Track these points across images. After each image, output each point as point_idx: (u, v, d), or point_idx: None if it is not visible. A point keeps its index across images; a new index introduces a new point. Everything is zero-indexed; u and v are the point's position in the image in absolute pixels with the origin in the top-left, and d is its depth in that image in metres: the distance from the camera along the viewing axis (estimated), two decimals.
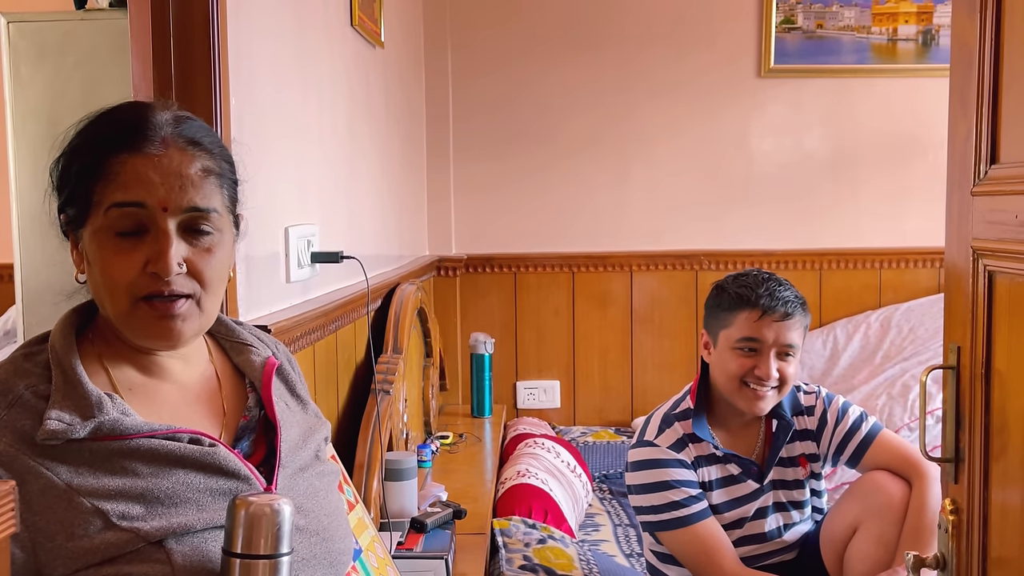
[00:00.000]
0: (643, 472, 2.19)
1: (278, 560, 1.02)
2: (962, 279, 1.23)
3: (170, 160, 1.09)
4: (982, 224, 1.19)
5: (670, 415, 2.25)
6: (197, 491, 1.06)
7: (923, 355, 3.66)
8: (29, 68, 2.78)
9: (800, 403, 2.25)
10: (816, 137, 4.10)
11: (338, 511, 1.21)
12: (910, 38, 4.06)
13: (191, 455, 1.07)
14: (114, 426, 1.04)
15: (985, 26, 1.19)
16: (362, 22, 2.74)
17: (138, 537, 1.01)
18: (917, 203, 3.97)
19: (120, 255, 1.08)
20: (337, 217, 2.54)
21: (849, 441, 2.19)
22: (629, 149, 4.07)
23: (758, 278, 2.17)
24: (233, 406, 1.20)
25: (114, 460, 1.04)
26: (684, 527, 2.11)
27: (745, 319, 2.14)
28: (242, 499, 1.02)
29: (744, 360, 2.14)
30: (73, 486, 1.01)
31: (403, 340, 2.77)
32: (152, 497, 1.03)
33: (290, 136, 2.14)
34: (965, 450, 1.24)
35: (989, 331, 1.18)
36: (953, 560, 1.26)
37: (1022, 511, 1.13)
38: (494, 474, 3.05)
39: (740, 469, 2.22)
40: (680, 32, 4.04)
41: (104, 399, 1.06)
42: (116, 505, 1.01)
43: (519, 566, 2.39)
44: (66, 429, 1.02)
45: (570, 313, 4.10)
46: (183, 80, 1.65)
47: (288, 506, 1.03)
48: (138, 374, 1.14)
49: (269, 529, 1.01)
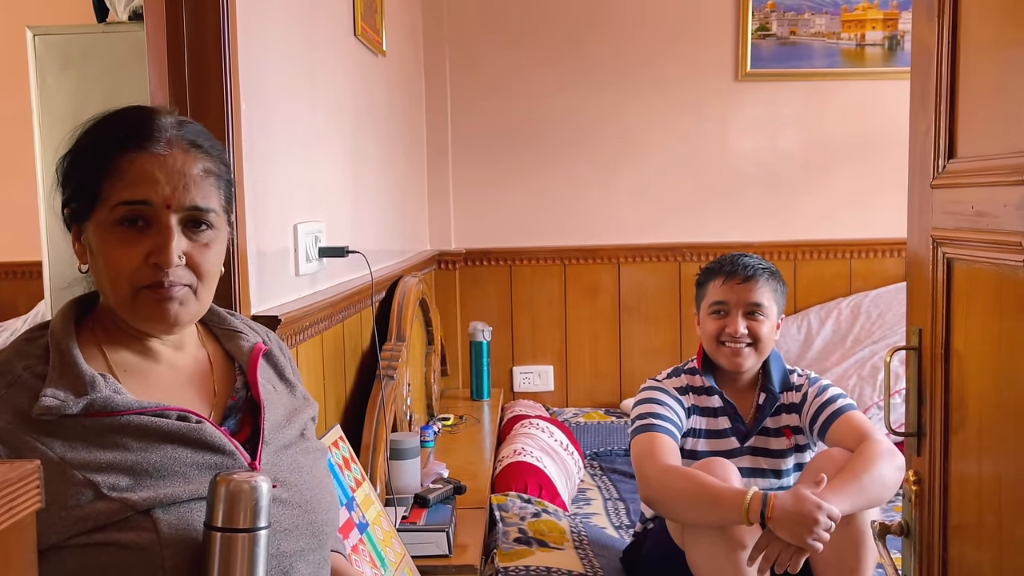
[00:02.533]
0: (641, 394, 2.28)
1: (256, 533, 1.03)
2: (923, 266, 1.24)
3: (174, 160, 1.10)
4: (941, 215, 1.19)
5: (679, 368, 2.35)
6: (184, 464, 1.07)
7: (891, 338, 3.67)
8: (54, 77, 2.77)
9: (791, 382, 2.30)
10: (790, 136, 4.10)
11: (322, 485, 1.21)
12: (877, 43, 4.05)
13: (178, 431, 1.08)
14: (106, 403, 1.05)
15: (943, 30, 1.19)
16: (364, 32, 2.73)
17: (126, 506, 1.01)
18: (884, 197, 3.97)
19: (124, 247, 1.08)
20: (343, 214, 2.53)
21: (821, 413, 2.20)
22: (616, 149, 4.07)
23: (728, 255, 2.32)
24: (223, 388, 1.21)
25: (105, 435, 1.04)
26: (646, 432, 2.15)
27: (714, 286, 2.27)
28: (223, 476, 1.03)
29: (717, 321, 2.25)
30: (66, 459, 1.01)
31: (406, 329, 2.77)
32: (141, 470, 1.04)
33: (298, 139, 2.14)
34: (927, 425, 1.24)
35: (948, 314, 1.18)
36: (916, 527, 1.27)
37: (978, 481, 1.13)
38: (492, 453, 3.05)
39: (729, 424, 2.26)
40: (663, 40, 4.03)
41: (97, 378, 1.06)
42: (106, 477, 1.02)
43: (515, 538, 2.40)
44: (60, 405, 1.03)
45: (562, 303, 4.11)
46: (197, 88, 1.65)
47: (265, 483, 1.04)
48: (133, 356, 1.15)
49: (248, 504, 1.02)
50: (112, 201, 1.08)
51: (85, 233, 1.12)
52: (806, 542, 1.85)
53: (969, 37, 1.15)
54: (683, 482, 2.00)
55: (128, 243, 1.08)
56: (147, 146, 1.09)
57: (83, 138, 1.13)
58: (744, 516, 1.89)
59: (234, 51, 1.69)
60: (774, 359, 2.30)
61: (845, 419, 2.17)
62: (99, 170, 1.09)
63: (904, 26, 4.02)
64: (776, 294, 2.27)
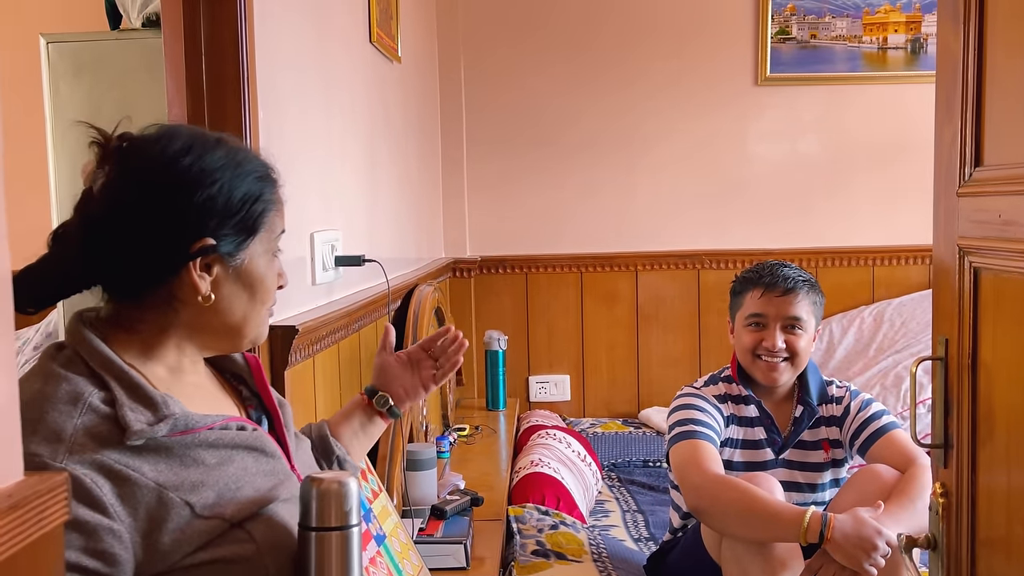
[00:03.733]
0: (679, 400, 2.26)
1: (348, 531, 1.07)
2: (949, 275, 1.24)
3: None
4: (967, 223, 1.20)
5: (716, 376, 2.33)
6: (252, 473, 1.11)
7: (914, 347, 3.66)
8: (67, 85, 2.80)
9: (829, 393, 2.28)
10: (811, 141, 4.10)
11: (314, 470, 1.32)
12: (899, 46, 4.05)
13: (244, 441, 1.12)
14: (187, 421, 1.06)
15: (968, 34, 1.19)
16: (380, 39, 2.75)
17: (223, 521, 1.05)
18: (908, 203, 3.96)
19: (273, 272, 1.21)
20: (359, 223, 2.55)
21: (864, 429, 2.19)
22: (633, 154, 4.08)
23: (767, 263, 2.28)
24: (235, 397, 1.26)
25: (187, 453, 1.05)
26: (687, 439, 2.13)
27: (751, 297, 2.24)
28: (314, 477, 1.08)
29: (754, 334, 2.22)
30: (160, 483, 1.01)
31: (422, 338, 2.78)
32: (223, 484, 1.07)
33: (314, 147, 2.16)
34: (953, 436, 1.25)
35: (975, 324, 1.19)
36: (943, 540, 1.27)
37: (1007, 493, 1.13)
38: (509, 464, 3.06)
39: (764, 435, 2.24)
40: (682, 44, 4.05)
41: (167, 397, 1.07)
42: (198, 496, 1.04)
43: (532, 551, 2.40)
44: (150, 429, 1.02)
45: (579, 311, 4.11)
46: (215, 96, 1.67)
47: (354, 481, 1.08)
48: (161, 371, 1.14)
49: (338, 503, 1.07)
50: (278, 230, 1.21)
51: (229, 264, 1.13)
52: (862, 566, 1.84)
53: (996, 41, 1.15)
54: (736, 493, 1.97)
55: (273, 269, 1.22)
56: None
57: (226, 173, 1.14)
58: (801, 535, 1.88)
59: (251, 58, 1.71)
60: (811, 370, 2.28)
61: (890, 439, 2.15)
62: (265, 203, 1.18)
63: (927, 29, 4.02)
64: (815, 307, 2.24)
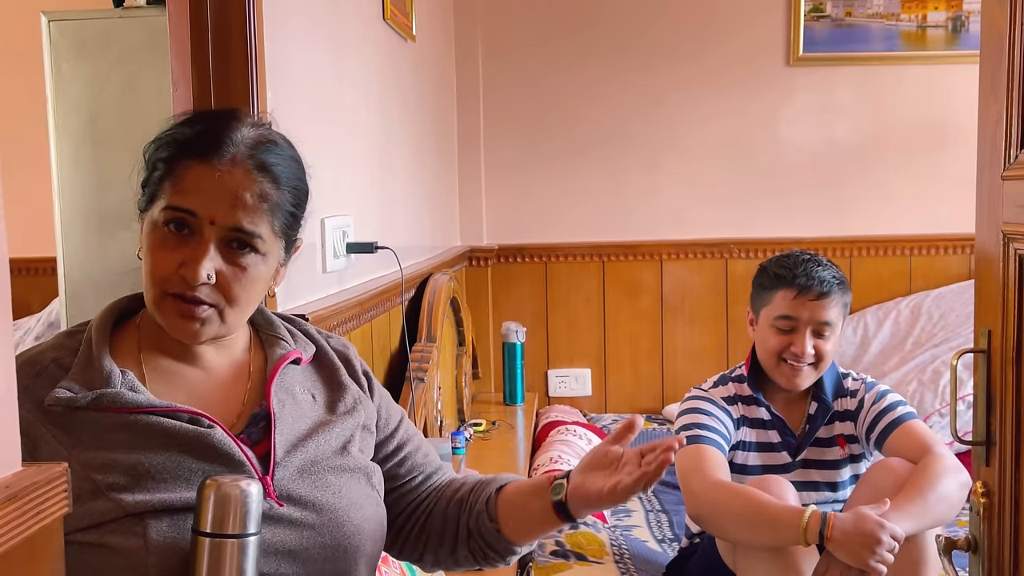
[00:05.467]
0: (686, 403, 2.25)
1: (245, 540, 1.03)
2: (993, 263, 1.23)
3: (231, 178, 1.13)
4: (1013, 208, 1.18)
5: (726, 376, 2.31)
6: (188, 470, 1.08)
7: (953, 341, 3.63)
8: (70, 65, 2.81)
9: (845, 387, 2.26)
10: (846, 125, 4.07)
11: (354, 507, 1.18)
12: (940, 24, 4.01)
13: (185, 433, 1.10)
14: (115, 398, 1.09)
15: (1015, 10, 1.18)
16: (394, 16, 2.75)
17: (120, 507, 1.04)
18: (947, 190, 3.93)
19: (163, 250, 1.13)
20: (371, 209, 2.55)
21: (879, 421, 2.18)
22: (658, 138, 4.06)
23: (799, 259, 2.21)
24: (253, 395, 1.22)
25: (113, 432, 1.08)
26: (692, 445, 2.12)
27: (782, 297, 2.18)
28: (212, 479, 1.04)
29: (781, 337, 2.18)
30: (73, 455, 1.05)
31: (436, 329, 2.79)
32: (142, 470, 1.06)
33: (325, 130, 2.16)
34: (996, 433, 1.23)
35: (1020, 314, 1.17)
36: (985, 543, 1.26)
37: None
38: (527, 461, 3.06)
39: (780, 439, 2.23)
40: (709, 21, 4.02)
41: (115, 373, 1.11)
42: (106, 476, 1.05)
43: (552, 551, 2.40)
44: (69, 398, 1.08)
45: (600, 302, 4.11)
46: (221, 76, 1.67)
47: (256, 487, 1.04)
48: (168, 357, 1.18)
49: (237, 509, 1.03)
50: (164, 203, 1.12)
51: (142, 224, 1.17)
52: (868, 564, 1.82)
53: None
54: (734, 499, 1.97)
55: (168, 247, 1.12)
56: (209, 158, 1.12)
57: (171, 129, 1.18)
58: (802, 536, 1.87)
59: (259, 36, 1.71)
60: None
61: (905, 429, 2.14)
62: (164, 169, 1.14)
63: (969, 6, 3.97)
64: (845, 308, 2.22)
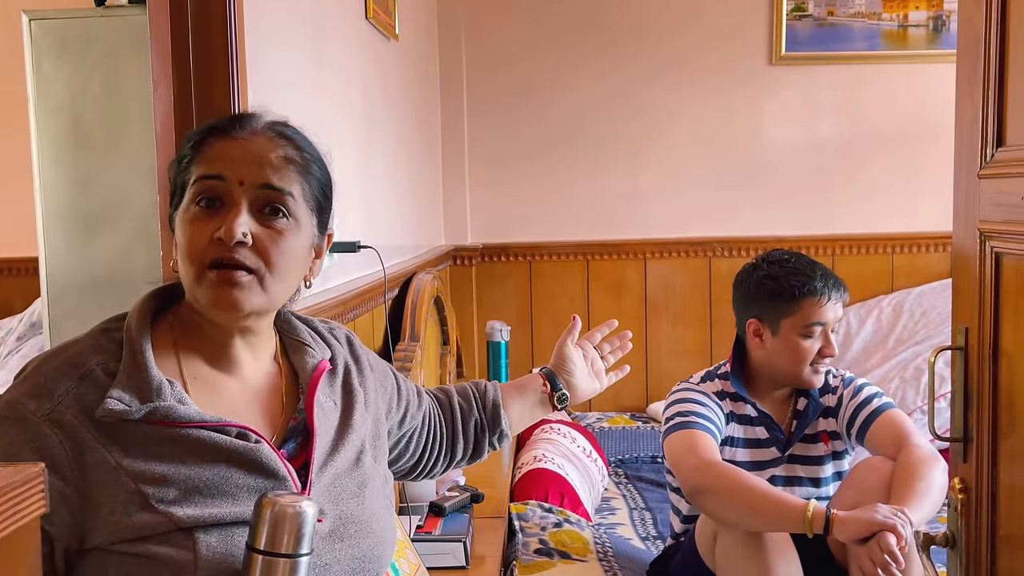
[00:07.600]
0: (675, 395, 2.28)
1: (297, 560, 1.04)
2: (969, 261, 1.23)
3: (254, 143, 1.15)
4: (989, 206, 1.19)
5: (712, 372, 2.33)
6: (236, 486, 1.09)
7: (935, 339, 3.65)
8: (51, 64, 2.79)
9: (827, 384, 2.29)
10: (828, 124, 4.09)
11: (374, 518, 1.20)
12: (921, 24, 4.04)
13: (235, 449, 1.10)
14: (168, 412, 1.07)
15: (991, 10, 1.19)
16: (376, 15, 2.74)
17: (170, 521, 1.04)
18: (929, 188, 3.96)
19: (198, 224, 1.12)
20: (353, 207, 2.55)
21: (858, 415, 2.20)
22: (642, 137, 4.07)
23: (806, 263, 2.24)
24: (288, 407, 1.22)
25: (164, 445, 1.07)
26: (684, 429, 2.14)
27: (813, 305, 2.20)
28: (269, 498, 1.05)
29: (813, 342, 2.21)
30: (122, 465, 1.05)
31: (420, 328, 2.78)
32: (192, 485, 1.06)
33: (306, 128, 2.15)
34: (973, 429, 1.24)
35: (996, 312, 1.18)
36: (963, 537, 1.27)
37: None
38: (511, 459, 3.06)
39: (768, 435, 2.25)
40: (692, 21, 4.03)
41: (164, 385, 1.09)
42: (156, 489, 1.05)
43: (535, 549, 2.41)
44: (123, 411, 1.06)
45: (585, 300, 4.11)
46: (202, 75, 1.67)
47: (312, 508, 1.05)
48: (205, 365, 1.17)
49: (292, 529, 1.04)
50: (192, 179, 1.13)
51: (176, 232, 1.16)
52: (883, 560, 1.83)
53: (1020, 18, 1.15)
54: (737, 478, 1.98)
55: (201, 221, 1.12)
56: (232, 132, 1.15)
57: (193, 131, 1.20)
58: (807, 525, 1.87)
59: (240, 35, 1.71)
60: None
61: (884, 419, 2.17)
62: (192, 154, 1.15)
63: (950, 6, 4.00)
64: None
